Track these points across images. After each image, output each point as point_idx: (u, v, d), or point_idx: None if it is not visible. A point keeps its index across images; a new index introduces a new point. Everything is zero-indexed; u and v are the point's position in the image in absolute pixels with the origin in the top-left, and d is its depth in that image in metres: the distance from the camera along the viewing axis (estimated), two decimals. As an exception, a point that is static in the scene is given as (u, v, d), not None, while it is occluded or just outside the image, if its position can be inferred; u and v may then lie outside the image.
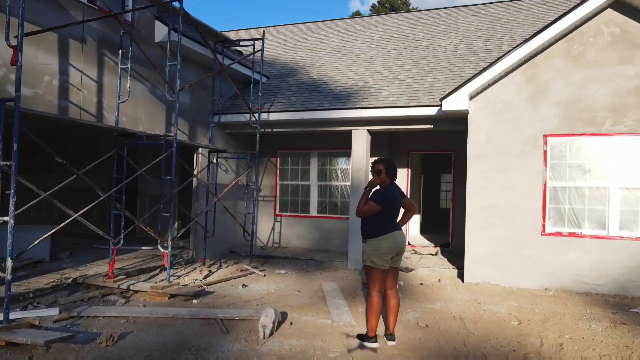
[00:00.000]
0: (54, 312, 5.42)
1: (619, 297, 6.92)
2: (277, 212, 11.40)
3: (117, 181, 6.99)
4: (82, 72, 6.77)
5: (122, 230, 7.02)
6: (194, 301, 6.26)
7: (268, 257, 9.91)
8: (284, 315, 5.54)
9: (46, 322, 5.18)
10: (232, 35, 15.01)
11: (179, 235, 8.99)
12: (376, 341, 4.59)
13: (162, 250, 6.97)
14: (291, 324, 5.32)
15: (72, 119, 6.22)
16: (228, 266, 8.96)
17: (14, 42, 4.78)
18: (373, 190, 4.70)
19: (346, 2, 59.61)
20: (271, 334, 4.85)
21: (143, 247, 10.18)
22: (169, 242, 6.86)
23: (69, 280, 6.85)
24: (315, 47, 13.48)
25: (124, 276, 7.12)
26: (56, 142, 12.76)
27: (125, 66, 7.11)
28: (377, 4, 32.62)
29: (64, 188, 5.85)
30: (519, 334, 5.13)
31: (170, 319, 5.38)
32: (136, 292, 6.63)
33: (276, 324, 4.99)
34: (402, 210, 4.92)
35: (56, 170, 9.59)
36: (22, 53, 4.60)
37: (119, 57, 7.19)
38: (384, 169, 4.68)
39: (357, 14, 32.86)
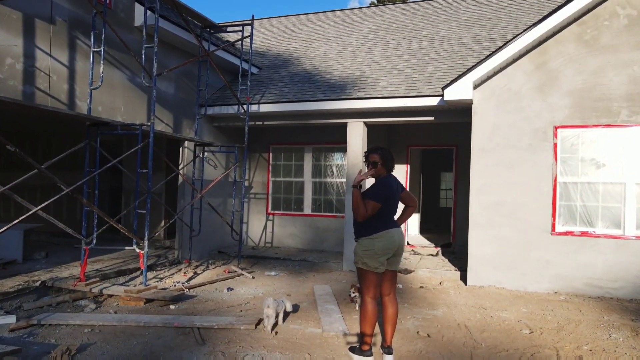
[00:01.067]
0: (10, 320, 4.84)
1: (636, 302, 6.35)
2: (270, 210, 10.82)
3: (90, 175, 6.40)
4: (50, 55, 6.17)
5: (95, 229, 6.43)
6: (172, 307, 5.68)
7: (259, 258, 9.34)
8: (295, 307, 5.57)
9: (2, 331, 4.61)
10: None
11: (157, 233, 8.38)
12: (371, 355, 4.01)
13: (138, 250, 6.39)
14: (276, 333, 4.75)
15: (37, 106, 5.62)
16: (215, 267, 8.38)
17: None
18: (372, 184, 4.09)
19: (345, 1, 59.02)
20: (276, 324, 4.93)
21: (126, 247, 9.60)
22: (146, 242, 6.27)
23: (37, 284, 6.28)
24: (310, 38, 12.90)
25: (97, 279, 6.53)
26: (40, 136, 12.21)
27: (98, 49, 6.51)
28: (375, 1, 32.03)
29: (46, 185, 5.30)
30: (532, 345, 4.57)
31: (141, 328, 4.79)
32: (110, 296, 6.06)
33: (281, 314, 4.97)
34: (401, 206, 4.33)
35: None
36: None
37: (92, 40, 6.60)
38: (379, 159, 4.08)
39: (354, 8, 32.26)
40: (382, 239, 3.92)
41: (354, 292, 5.62)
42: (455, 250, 9.78)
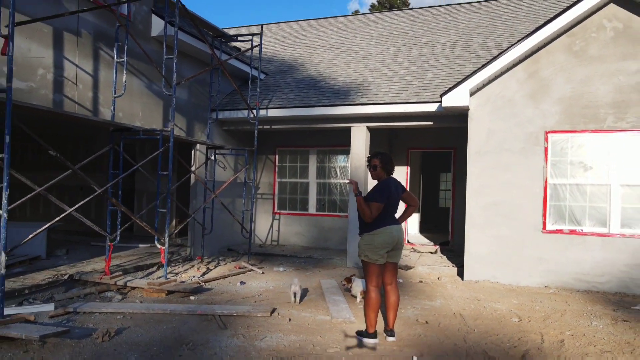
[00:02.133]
0: (49, 307, 5.34)
1: (620, 295, 6.86)
2: (276, 210, 11.32)
3: (114, 177, 6.90)
4: (77, 65, 6.68)
5: (119, 227, 6.93)
6: (192, 298, 6.18)
7: (266, 255, 9.84)
8: (305, 291, 6.58)
9: (42, 318, 5.10)
10: (231, 33, 14.91)
11: (176, 231, 8.91)
12: (375, 337, 4.52)
13: (159, 246, 6.89)
14: (290, 319, 5.25)
15: (67, 113, 6.12)
16: (226, 264, 8.88)
17: (5, 32, 4.72)
18: (373, 186, 4.61)
19: (345, 2, 59.51)
20: (301, 299, 6.02)
21: (140, 245, 10.10)
22: (166, 239, 6.77)
23: (66, 277, 6.76)
24: (314, 44, 13.40)
25: (120, 273, 7.03)
26: (52, 138, 12.69)
27: (121, 60, 7.01)
28: (376, 3, 32.55)
29: (60, 186, 5.77)
30: (520, 331, 5.07)
31: (168, 315, 5.30)
32: (133, 288, 6.55)
33: (300, 292, 6.00)
34: (402, 206, 4.84)
35: (52, 168, 9.50)
36: (13, 43, 4.51)
37: (115, 51, 7.10)
38: (379, 163, 4.62)
39: (356, 14, 32.77)
40: (381, 234, 4.44)
41: (343, 282, 6.57)
42: (453, 248, 10.27)
